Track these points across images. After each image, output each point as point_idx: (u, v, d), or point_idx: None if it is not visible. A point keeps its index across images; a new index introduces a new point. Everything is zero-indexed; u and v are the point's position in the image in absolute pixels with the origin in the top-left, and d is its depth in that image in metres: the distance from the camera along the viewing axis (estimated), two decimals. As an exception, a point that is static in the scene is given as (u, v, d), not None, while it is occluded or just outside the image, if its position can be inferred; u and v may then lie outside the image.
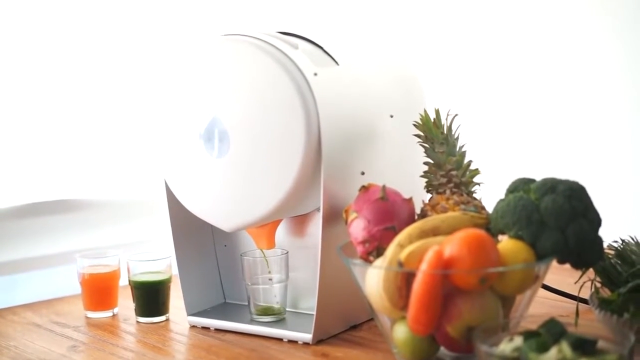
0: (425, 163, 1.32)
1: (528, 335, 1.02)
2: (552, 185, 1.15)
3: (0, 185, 1.75)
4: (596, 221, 1.16)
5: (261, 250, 1.40)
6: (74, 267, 1.52)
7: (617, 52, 1.90)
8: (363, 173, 1.32)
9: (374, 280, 1.14)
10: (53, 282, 1.73)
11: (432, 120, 1.31)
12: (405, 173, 1.37)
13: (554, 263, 1.15)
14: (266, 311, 1.39)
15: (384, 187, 1.24)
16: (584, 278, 1.30)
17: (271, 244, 1.40)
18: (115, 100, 1.89)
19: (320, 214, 1.27)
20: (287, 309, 1.42)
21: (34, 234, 1.77)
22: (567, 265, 1.16)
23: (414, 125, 1.32)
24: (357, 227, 1.22)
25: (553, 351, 0.98)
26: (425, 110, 1.33)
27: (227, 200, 1.31)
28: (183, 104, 1.33)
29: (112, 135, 1.89)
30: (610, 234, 1.28)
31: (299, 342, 1.32)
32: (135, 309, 1.48)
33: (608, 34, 1.91)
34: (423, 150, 1.32)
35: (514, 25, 2.05)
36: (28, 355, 1.32)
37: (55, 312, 1.54)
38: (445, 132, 1.31)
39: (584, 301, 1.32)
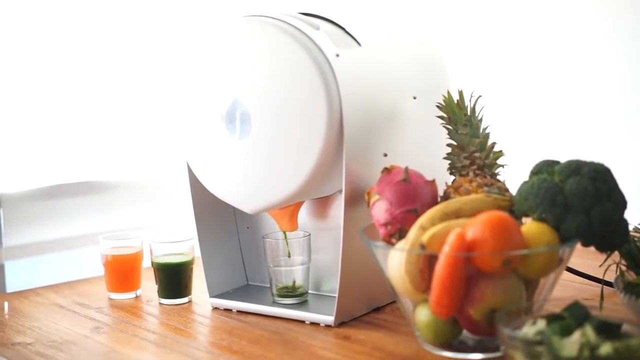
0: (448, 145, 1.31)
1: (551, 318, 1.01)
2: (576, 167, 1.14)
3: (23, 167, 1.75)
4: (621, 203, 1.14)
5: (283, 232, 1.40)
6: (97, 248, 1.53)
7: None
8: (385, 155, 1.31)
9: (396, 262, 1.14)
10: (76, 264, 1.74)
11: (456, 101, 1.30)
12: (428, 155, 1.36)
13: (579, 245, 1.14)
14: (287, 292, 1.39)
15: (406, 169, 1.23)
16: (609, 261, 1.29)
17: (294, 226, 1.40)
18: (138, 83, 1.89)
19: (343, 196, 1.26)
20: (309, 291, 1.42)
21: (58, 215, 1.78)
22: (592, 248, 1.15)
23: (437, 106, 1.31)
24: (380, 209, 1.22)
25: (577, 335, 0.97)
26: (448, 92, 1.32)
27: (249, 183, 1.31)
28: (205, 86, 1.33)
29: (135, 117, 1.89)
30: (636, 217, 1.27)
31: (321, 325, 1.32)
32: (157, 291, 1.48)
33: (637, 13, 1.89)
34: (446, 131, 1.31)
35: (539, 6, 2.03)
36: (51, 336, 1.33)
37: (79, 293, 1.55)
38: (468, 113, 1.30)
39: (609, 284, 1.31)
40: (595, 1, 1.94)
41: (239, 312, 1.41)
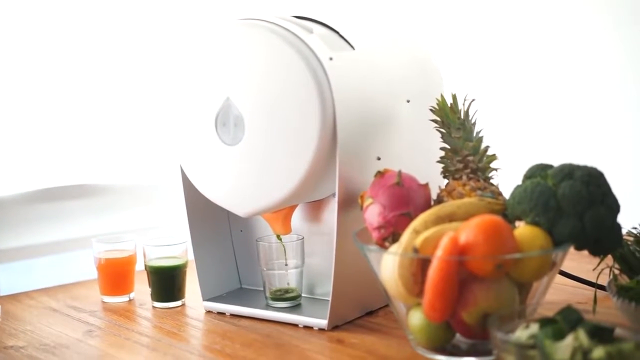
0: (441, 148, 1.31)
1: (544, 322, 1.01)
2: (569, 171, 1.14)
3: (17, 170, 1.75)
4: (615, 207, 1.14)
5: (277, 235, 1.40)
6: (91, 251, 1.53)
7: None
8: (379, 158, 1.31)
9: (389, 266, 1.14)
10: (70, 267, 1.74)
11: (449, 105, 1.30)
12: (422, 158, 1.36)
13: (572, 249, 1.14)
14: (281, 295, 1.39)
15: (399, 172, 1.23)
16: (602, 265, 1.29)
17: (287, 229, 1.40)
18: (132, 86, 1.89)
19: (336, 199, 1.26)
20: (302, 295, 1.42)
21: (51, 218, 1.78)
22: (586, 252, 1.15)
23: (431, 110, 1.31)
24: (373, 213, 1.21)
25: (569, 339, 0.97)
26: (442, 95, 1.32)
27: (242, 186, 1.31)
28: (198, 90, 1.33)
29: (129, 120, 1.89)
30: (629, 220, 1.27)
31: (315, 328, 1.32)
32: (151, 294, 1.48)
33: (632, 16, 1.89)
34: (440, 135, 1.31)
35: (533, 10, 2.03)
36: (44, 339, 1.32)
37: (72, 296, 1.55)
38: (462, 117, 1.30)
39: (602, 288, 1.31)
40: (590, 7, 1.94)
41: (232, 315, 1.40)
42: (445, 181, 1.31)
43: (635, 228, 1.32)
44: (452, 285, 1.09)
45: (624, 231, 1.18)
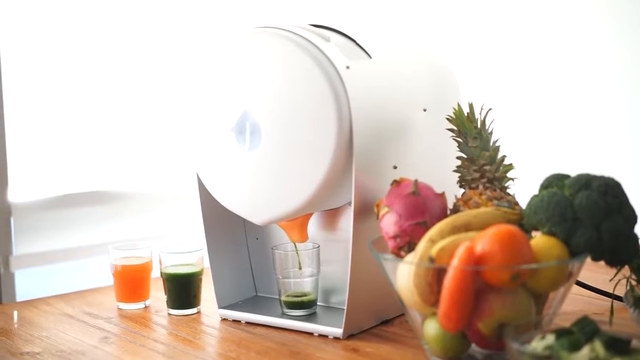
0: (458, 158, 1.31)
1: (560, 333, 1.01)
2: (586, 181, 1.14)
3: (34, 176, 1.76)
4: (632, 218, 1.14)
5: (293, 243, 1.40)
6: (107, 258, 1.53)
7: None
8: (395, 167, 1.31)
9: (404, 275, 1.13)
10: (86, 273, 1.74)
11: (466, 114, 1.30)
12: (438, 167, 1.36)
13: (589, 259, 1.13)
14: (297, 299, 1.38)
15: (416, 181, 1.23)
16: (619, 275, 1.28)
17: (304, 237, 1.40)
18: (149, 93, 1.90)
19: (352, 208, 1.26)
20: (318, 303, 1.42)
21: (68, 225, 1.78)
22: (602, 262, 1.15)
23: (447, 119, 1.31)
24: (389, 222, 1.21)
25: (585, 350, 0.96)
26: (458, 104, 1.32)
27: (258, 194, 1.31)
28: (215, 97, 1.33)
29: (146, 127, 1.90)
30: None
31: (330, 337, 1.32)
32: (166, 301, 1.48)
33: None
34: (456, 144, 1.31)
35: (551, 20, 2.02)
36: (60, 345, 1.33)
37: (88, 303, 1.55)
38: (479, 126, 1.29)
39: (619, 299, 1.31)
40: (606, 17, 1.94)
41: (248, 323, 1.41)
42: (462, 190, 1.31)
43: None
44: (468, 295, 1.08)
45: (641, 242, 1.17)
